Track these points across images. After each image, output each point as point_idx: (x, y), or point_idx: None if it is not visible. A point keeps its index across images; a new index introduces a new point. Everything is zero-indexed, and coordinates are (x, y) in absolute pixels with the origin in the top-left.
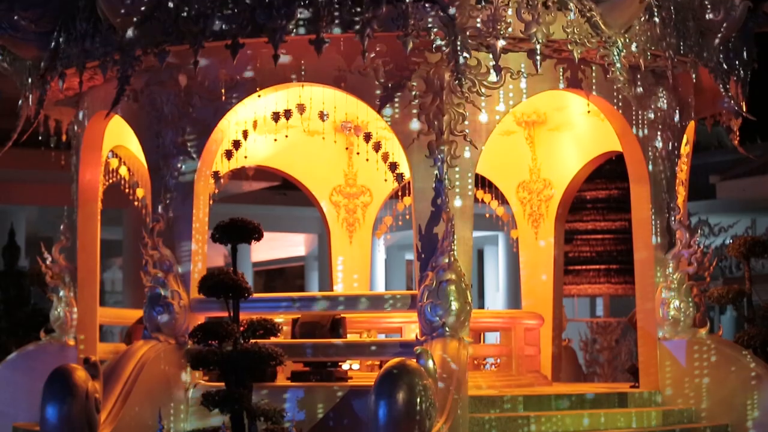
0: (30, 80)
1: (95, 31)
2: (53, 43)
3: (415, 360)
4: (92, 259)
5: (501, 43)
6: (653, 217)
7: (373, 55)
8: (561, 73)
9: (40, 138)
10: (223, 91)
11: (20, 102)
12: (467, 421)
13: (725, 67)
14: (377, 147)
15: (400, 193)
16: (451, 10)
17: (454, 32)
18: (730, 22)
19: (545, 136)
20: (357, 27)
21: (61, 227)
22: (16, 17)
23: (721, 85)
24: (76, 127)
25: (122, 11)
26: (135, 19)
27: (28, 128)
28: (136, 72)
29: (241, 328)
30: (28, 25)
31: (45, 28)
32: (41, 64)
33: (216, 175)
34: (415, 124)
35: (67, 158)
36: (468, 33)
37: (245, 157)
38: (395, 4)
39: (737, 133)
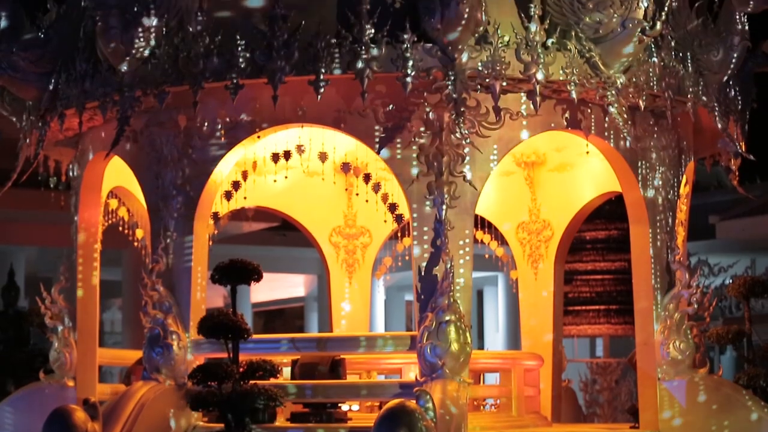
0: (30, 120)
1: (95, 72)
2: (53, 84)
3: (414, 401)
4: (91, 300)
5: (500, 83)
6: (653, 257)
7: (372, 95)
8: (560, 114)
9: (39, 178)
10: (222, 132)
11: (20, 142)
12: None
13: (724, 107)
14: (377, 188)
15: (399, 234)
16: (451, 51)
17: (453, 73)
18: (729, 62)
19: (545, 176)
20: (356, 68)
21: (61, 268)
22: (16, 57)
23: (720, 125)
24: (75, 168)
25: (122, 52)
26: (135, 59)
27: (27, 168)
28: (135, 113)
29: (241, 369)
30: (27, 65)
31: (45, 68)
32: (41, 105)
33: (215, 216)
34: (414, 165)
35: (66, 199)
36: (467, 74)
37: (245, 197)
38: (394, 45)
39: (737, 173)
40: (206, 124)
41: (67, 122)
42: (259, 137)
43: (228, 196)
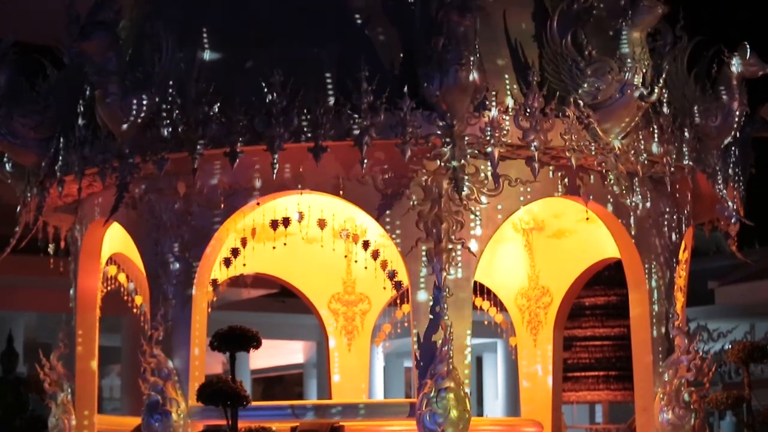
0: (29, 186)
1: (94, 138)
2: (52, 150)
3: None
4: (91, 366)
5: (499, 150)
6: (652, 323)
7: (371, 162)
8: (559, 180)
9: (39, 244)
10: (221, 198)
11: (19, 208)
12: None
13: (723, 172)
14: (375, 255)
15: (398, 301)
16: (450, 118)
17: (452, 140)
18: (727, 128)
19: (544, 242)
20: (355, 135)
21: (60, 334)
22: (15, 123)
23: (718, 191)
24: (74, 234)
25: (121, 118)
26: (134, 126)
27: (26, 234)
28: (134, 179)
29: None
30: (27, 131)
31: (44, 134)
32: (40, 171)
33: (215, 283)
34: (413, 232)
35: (65, 265)
36: (466, 140)
37: (244, 264)
38: (393, 112)
39: (735, 239)
40: (205, 190)
41: (66, 188)
42: (258, 204)
43: (227, 262)
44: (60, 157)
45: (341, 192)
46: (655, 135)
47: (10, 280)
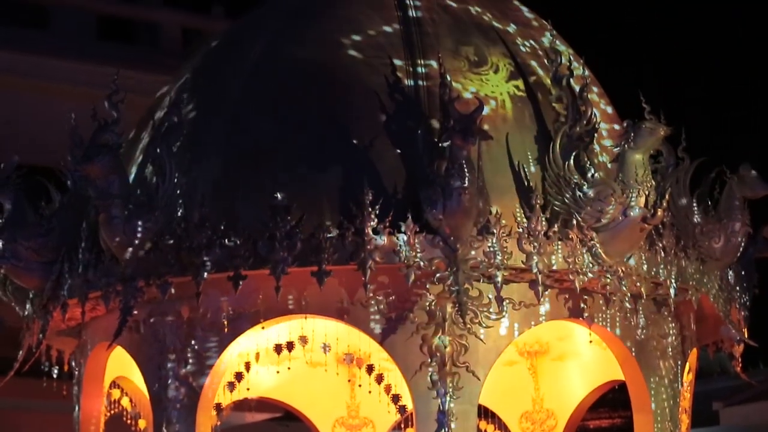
0: (32, 310)
1: (98, 262)
2: (55, 273)
3: None
4: None
5: (503, 274)
6: None
7: (375, 286)
8: (563, 303)
9: (42, 367)
10: (225, 322)
11: (22, 331)
12: None
13: (726, 293)
14: (379, 379)
15: (402, 425)
16: (453, 242)
17: (455, 264)
18: (730, 249)
19: (548, 365)
20: (359, 259)
21: None
22: (18, 246)
23: (722, 313)
24: (78, 358)
25: (125, 242)
26: (137, 250)
27: (29, 358)
28: (138, 303)
29: None
30: (30, 254)
31: (47, 257)
32: (43, 294)
33: (218, 407)
34: (417, 356)
35: (68, 388)
36: (470, 264)
37: (247, 388)
38: (397, 236)
39: (740, 360)
40: (209, 314)
41: (69, 312)
42: (263, 328)
43: (231, 386)
44: (63, 281)
45: (345, 316)
46: (659, 257)
47: (13, 403)
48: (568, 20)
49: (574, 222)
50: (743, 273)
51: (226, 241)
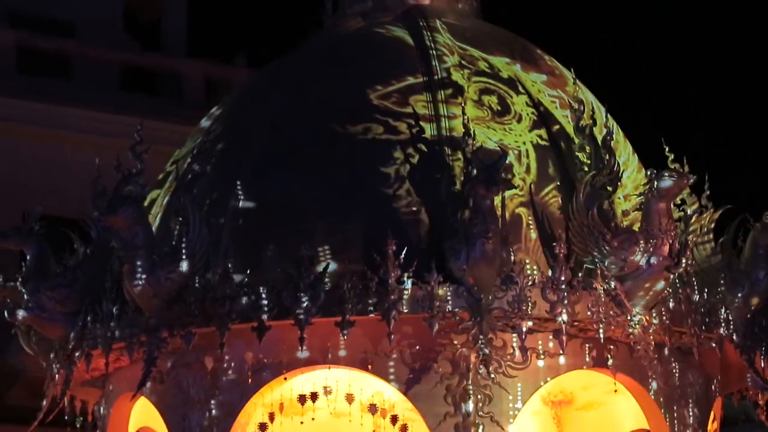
0: (56, 360)
1: (121, 313)
2: (79, 324)
3: None
4: None
5: (526, 323)
6: None
7: (399, 336)
8: (587, 352)
9: (66, 418)
10: (249, 373)
11: (46, 382)
12: None
13: (750, 341)
14: (404, 429)
15: None
16: (477, 292)
17: (479, 314)
18: (754, 296)
19: (572, 415)
20: (383, 309)
21: None
22: (42, 297)
23: (746, 360)
24: (102, 408)
25: (149, 293)
26: (161, 301)
27: (53, 408)
28: (162, 354)
29: None
30: (54, 305)
31: (71, 308)
32: (67, 345)
33: None
34: (441, 406)
35: None
36: (493, 314)
37: None
38: (420, 286)
39: (765, 408)
40: (233, 365)
41: (93, 362)
42: (285, 378)
43: None
44: (87, 332)
45: (369, 366)
46: (683, 306)
47: None
48: (591, 67)
49: (598, 271)
50: (767, 320)
51: (250, 291)
